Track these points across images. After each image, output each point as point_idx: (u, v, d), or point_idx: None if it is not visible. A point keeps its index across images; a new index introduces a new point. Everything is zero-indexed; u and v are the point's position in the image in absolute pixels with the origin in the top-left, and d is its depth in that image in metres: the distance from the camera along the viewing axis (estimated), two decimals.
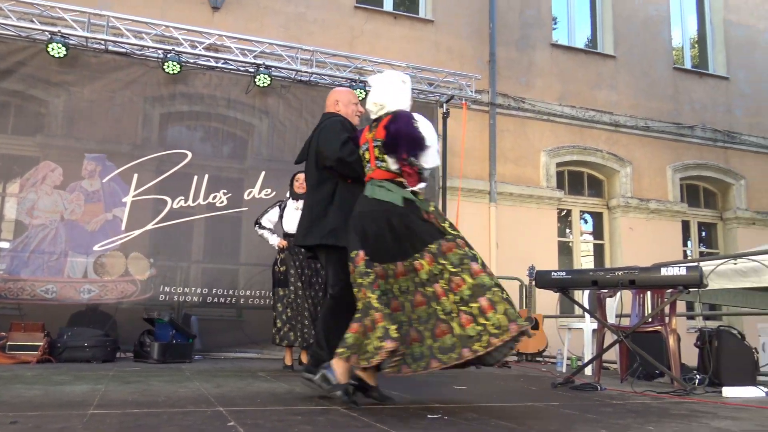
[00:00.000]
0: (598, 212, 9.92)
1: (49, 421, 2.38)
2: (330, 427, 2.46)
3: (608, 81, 9.95)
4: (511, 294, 3.17)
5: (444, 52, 8.91)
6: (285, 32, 7.94)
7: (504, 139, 9.03)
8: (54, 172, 6.05)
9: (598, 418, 2.93)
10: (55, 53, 5.90)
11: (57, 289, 5.80)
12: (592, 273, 4.58)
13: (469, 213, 8.11)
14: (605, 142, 9.70)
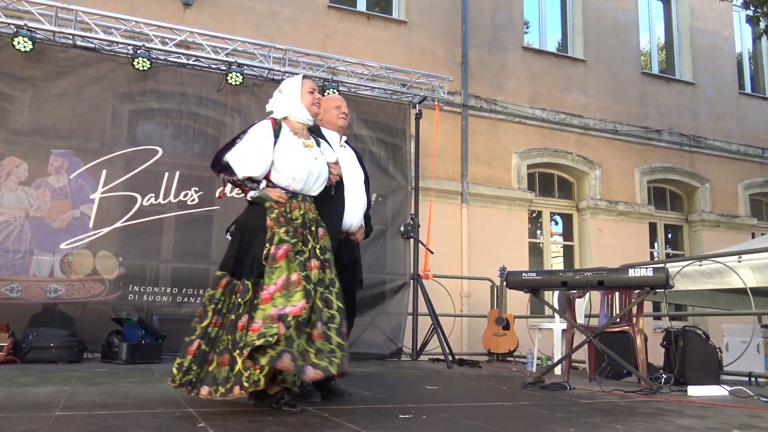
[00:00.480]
0: (568, 214, 10.06)
1: (13, 424, 2.32)
2: (302, 427, 2.45)
3: (578, 84, 10.09)
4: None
5: (417, 53, 8.94)
6: (257, 30, 7.88)
7: (476, 141, 9.09)
8: (19, 168, 5.91)
9: (567, 417, 2.97)
10: (21, 47, 5.76)
11: (22, 288, 5.66)
12: (561, 274, 4.63)
13: (441, 214, 8.15)
14: (575, 145, 9.84)
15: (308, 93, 3.19)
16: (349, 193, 3.49)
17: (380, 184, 7.65)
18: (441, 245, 7.68)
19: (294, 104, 3.16)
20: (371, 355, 6.58)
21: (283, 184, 3.01)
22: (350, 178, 3.54)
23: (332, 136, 3.62)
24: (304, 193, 3.06)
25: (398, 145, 7.59)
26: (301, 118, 3.18)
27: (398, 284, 7.07)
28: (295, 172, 3.00)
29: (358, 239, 3.59)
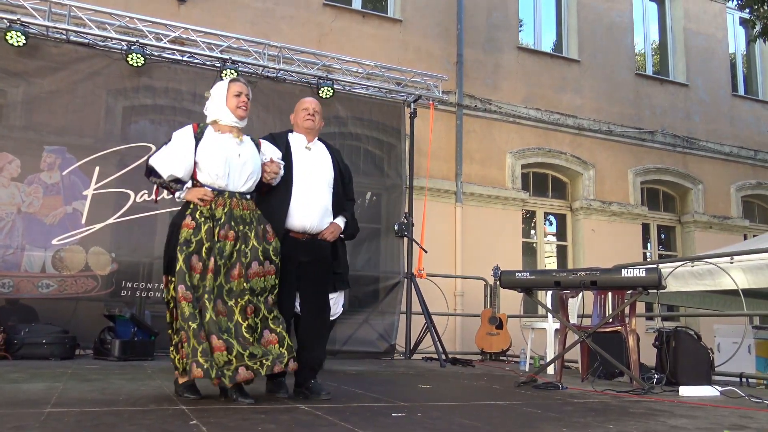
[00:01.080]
0: (561, 214, 10.08)
1: (3, 421, 2.31)
2: (294, 425, 2.45)
3: (573, 85, 10.11)
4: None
5: (412, 52, 8.94)
6: (252, 28, 7.86)
7: (470, 140, 9.10)
8: (11, 164, 5.87)
9: (560, 417, 2.97)
10: (14, 42, 5.71)
11: (14, 283, 5.62)
12: (555, 274, 4.65)
13: (435, 213, 8.15)
14: (569, 145, 9.86)
15: (234, 96, 3.28)
16: (305, 195, 3.53)
17: (375, 183, 7.65)
18: (435, 244, 7.69)
19: (220, 108, 3.28)
20: (364, 353, 6.59)
21: (209, 182, 3.14)
22: (310, 179, 3.60)
23: (298, 139, 3.72)
24: (230, 189, 3.15)
25: (393, 143, 7.59)
26: (227, 121, 3.28)
27: (392, 283, 7.07)
28: (216, 168, 3.12)
29: (327, 239, 3.61)
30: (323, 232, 3.60)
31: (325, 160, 3.77)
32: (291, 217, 3.49)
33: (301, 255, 3.51)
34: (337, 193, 3.72)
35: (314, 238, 3.58)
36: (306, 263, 3.52)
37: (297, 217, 3.50)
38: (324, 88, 6.83)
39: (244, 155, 3.22)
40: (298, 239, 3.52)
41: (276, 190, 3.47)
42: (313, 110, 3.74)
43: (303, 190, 3.54)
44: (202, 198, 3.09)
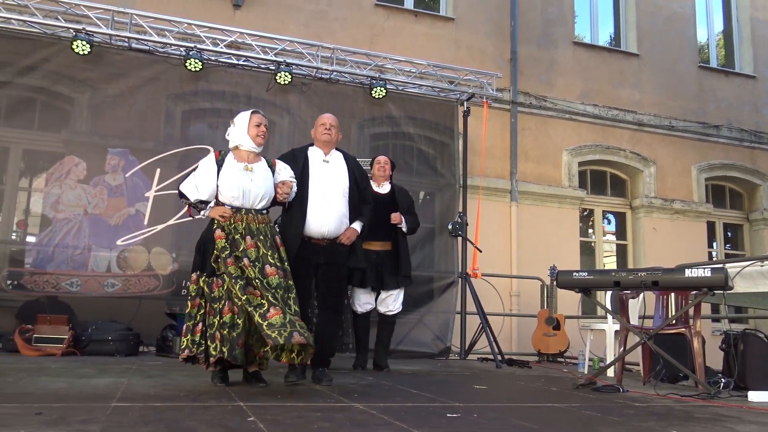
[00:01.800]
0: (621, 212, 9.81)
1: (72, 413, 2.40)
2: (349, 423, 2.46)
3: (631, 79, 9.83)
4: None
5: (465, 50, 8.87)
6: (306, 30, 7.95)
7: (525, 138, 8.96)
8: (78, 167, 6.12)
9: (620, 421, 2.89)
10: (80, 50, 5.96)
11: (81, 282, 5.86)
12: (614, 274, 4.51)
13: (489, 212, 8.06)
14: (628, 142, 9.58)
15: (254, 126, 3.80)
16: (322, 203, 3.97)
17: (428, 182, 7.63)
18: (490, 244, 7.60)
19: (242, 136, 3.80)
20: (419, 354, 6.57)
21: (228, 202, 3.68)
22: (327, 189, 4.03)
23: (316, 152, 4.18)
24: (246, 207, 3.68)
25: (446, 142, 7.54)
26: (247, 147, 3.80)
27: (446, 282, 7.03)
28: (232, 192, 3.66)
29: (343, 242, 4.06)
30: (340, 236, 4.03)
31: (341, 170, 4.16)
32: (310, 224, 3.94)
33: (321, 258, 3.98)
34: (352, 200, 4.13)
35: (333, 242, 4.03)
36: (324, 266, 4.01)
37: (315, 225, 3.95)
38: (377, 89, 6.85)
39: (256, 180, 3.74)
40: (319, 244, 3.98)
41: (296, 202, 3.94)
42: (330, 125, 4.17)
43: (320, 199, 3.98)
44: (222, 215, 3.63)
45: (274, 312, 3.28)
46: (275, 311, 3.28)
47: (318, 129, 4.22)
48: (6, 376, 3.54)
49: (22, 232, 6.34)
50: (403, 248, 5.20)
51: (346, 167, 4.19)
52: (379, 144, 7.39)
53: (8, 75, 6.05)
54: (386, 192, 5.36)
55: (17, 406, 2.52)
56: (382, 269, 5.10)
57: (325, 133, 4.16)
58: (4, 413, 2.34)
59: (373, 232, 5.08)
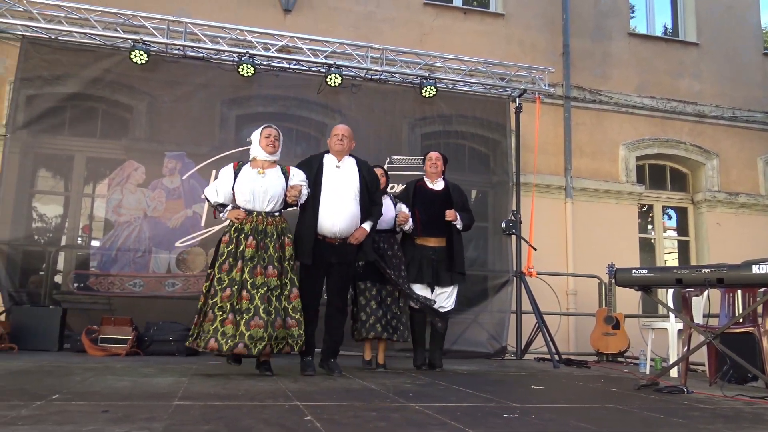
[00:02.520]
0: (682, 207, 9.49)
1: (137, 411, 2.48)
2: (404, 423, 2.45)
3: (691, 69, 9.49)
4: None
5: (516, 46, 8.74)
6: (355, 32, 7.99)
7: (580, 133, 8.77)
8: (137, 171, 6.32)
9: (685, 423, 2.79)
10: (138, 60, 6.15)
11: (143, 283, 6.06)
12: (676, 271, 4.35)
13: (544, 209, 7.92)
14: (689, 134, 9.26)
15: (264, 138, 4.33)
16: (334, 205, 4.34)
17: (480, 181, 7.56)
18: (545, 241, 7.47)
19: (256, 148, 4.36)
20: (474, 353, 6.51)
21: (242, 205, 4.20)
22: (339, 192, 4.39)
23: (330, 159, 4.57)
24: (257, 210, 4.17)
25: (498, 140, 7.46)
26: (261, 156, 4.33)
27: (501, 282, 6.95)
28: (244, 195, 4.18)
29: (353, 242, 4.38)
30: (350, 237, 4.37)
31: (353, 174, 4.52)
32: (322, 224, 4.31)
33: (332, 257, 4.33)
34: (362, 202, 4.46)
35: (344, 242, 4.37)
36: (335, 264, 4.36)
37: (328, 224, 4.31)
38: (427, 88, 6.83)
39: (266, 185, 4.19)
40: (332, 243, 4.33)
41: (309, 204, 4.34)
42: (342, 135, 4.57)
43: (332, 201, 4.34)
44: (236, 217, 4.15)
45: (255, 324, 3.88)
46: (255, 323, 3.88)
47: (332, 139, 4.63)
48: (74, 375, 3.69)
49: (87, 237, 6.59)
50: (457, 245, 5.20)
51: (358, 172, 4.55)
52: (431, 143, 7.36)
53: (72, 86, 6.31)
54: (440, 189, 5.34)
55: (85, 404, 2.61)
56: (438, 265, 5.10)
57: (337, 143, 4.56)
58: (73, 411, 2.44)
59: (428, 229, 5.11)
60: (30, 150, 6.30)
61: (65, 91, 6.31)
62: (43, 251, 6.29)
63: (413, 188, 5.36)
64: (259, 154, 4.33)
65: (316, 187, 4.39)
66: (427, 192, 5.32)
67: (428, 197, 5.29)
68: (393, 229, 5.09)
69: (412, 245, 5.18)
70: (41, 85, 6.26)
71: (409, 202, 5.26)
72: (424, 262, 5.10)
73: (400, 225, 5.08)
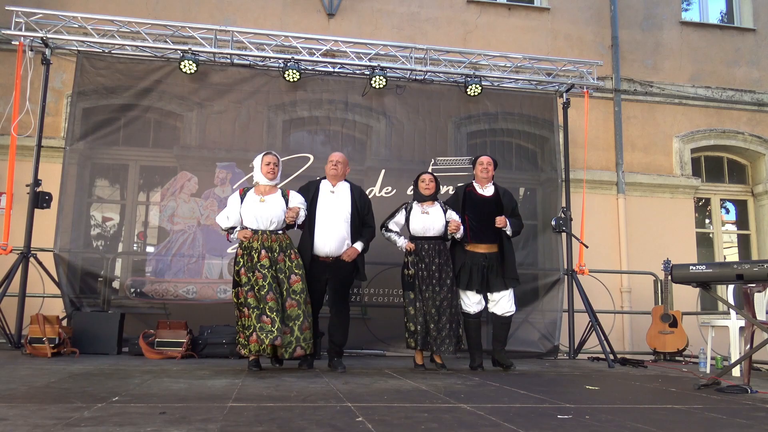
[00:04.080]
0: (741, 200, 9.14)
1: (193, 413, 2.54)
2: (456, 424, 2.44)
3: (748, 57, 9.13)
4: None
5: (562, 40, 8.59)
6: (399, 33, 8.00)
7: (631, 127, 8.55)
8: (190, 182, 6.48)
9: (750, 424, 2.68)
10: (187, 70, 6.31)
11: (196, 289, 6.21)
12: (737, 266, 4.20)
13: (595, 206, 7.76)
14: (747, 124, 8.92)
15: (265, 165, 4.75)
16: (327, 228, 4.75)
17: (528, 178, 7.46)
18: (596, 238, 7.31)
19: (257, 174, 4.80)
20: (526, 353, 6.42)
21: (249, 226, 4.64)
22: (331, 216, 4.78)
23: (326, 185, 4.94)
24: (262, 229, 4.62)
25: (545, 136, 7.34)
26: (263, 182, 4.76)
27: (552, 280, 6.83)
28: (249, 218, 4.65)
29: (345, 260, 4.76)
30: (342, 255, 4.73)
31: (345, 199, 4.87)
32: (317, 245, 4.73)
33: (327, 274, 4.76)
34: (353, 224, 4.83)
35: (337, 260, 4.75)
36: (331, 278, 4.79)
37: (321, 245, 4.73)
38: (472, 86, 6.77)
39: (267, 209, 4.64)
40: (326, 261, 4.74)
41: (307, 226, 4.76)
42: (336, 162, 4.94)
43: (325, 224, 4.75)
44: (245, 236, 4.59)
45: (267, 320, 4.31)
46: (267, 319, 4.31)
47: (328, 165, 4.99)
48: (133, 377, 3.80)
49: (142, 243, 6.80)
50: (508, 251, 5.20)
51: (350, 197, 4.89)
52: (477, 142, 7.30)
53: (126, 98, 6.51)
54: (491, 194, 5.31)
55: (143, 406, 2.69)
56: (488, 272, 5.09)
57: (332, 168, 4.94)
58: (132, 412, 2.51)
59: (478, 236, 5.09)
60: (87, 161, 6.54)
61: (119, 102, 6.52)
62: (102, 258, 6.51)
63: (463, 194, 5.32)
64: (261, 179, 4.76)
65: (312, 211, 4.80)
66: (478, 198, 5.29)
67: (478, 203, 5.25)
68: (443, 236, 5.07)
69: (463, 252, 5.15)
70: (96, 98, 6.49)
71: (459, 208, 5.23)
72: (475, 269, 5.09)
73: (452, 233, 5.04)
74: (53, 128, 7.08)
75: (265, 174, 4.75)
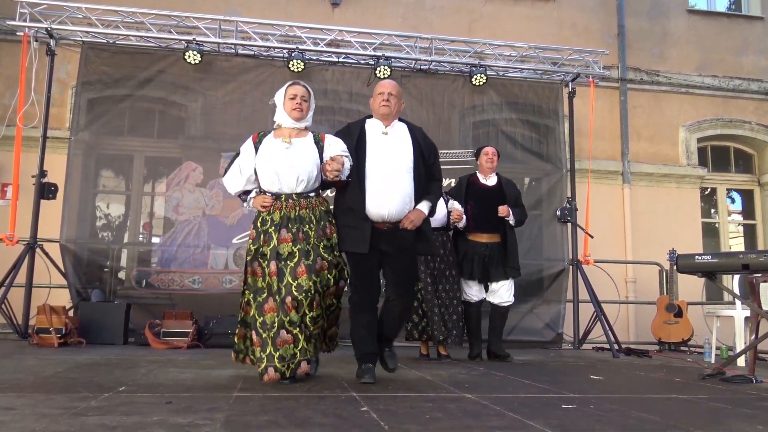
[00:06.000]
0: (747, 189, 9.10)
1: (199, 402, 2.55)
2: (461, 414, 2.44)
3: (756, 45, 9.06)
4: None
5: (568, 29, 8.54)
6: (403, 22, 7.96)
7: (637, 116, 8.51)
8: (195, 171, 6.49)
9: (754, 413, 2.68)
10: (192, 60, 6.30)
11: (202, 279, 6.23)
12: (742, 256, 4.18)
13: (600, 196, 7.73)
14: (754, 113, 8.86)
15: (289, 100, 3.44)
16: (382, 182, 3.43)
17: (534, 168, 7.43)
18: (602, 229, 7.29)
19: (280, 113, 3.49)
20: (531, 343, 6.44)
21: (267, 188, 3.39)
22: (387, 165, 3.48)
23: (375, 124, 3.67)
24: (286, 192, 3.33)
25: (551, 126, 7.31)
26: (287, 123, 3.46)
27: (556, 270, 6.83)
28: (265, 176, 3.36)
29: (406, 227, 3.45)
30: (403, 221, 3.45)
31: (404, 142, 3.59)
32: (369, 207, 3.39)
33: (383, 245, 3.43)
34: (418, 177, 3.53)
35: (396, 227, 3.45)
36: (388, 253, 3.46)
37: (374, 206, 3.40)
38: (477, 76, 6.74)
39: (292, 158, 3.36)
40: (380, 229, 3.42)
41: (352, 181, 3.43)
42: (388, 94, 3.63)
43: (379, 177, 3.44)
44: (263, 204, 3.36)
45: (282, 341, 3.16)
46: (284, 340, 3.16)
47: (376, 99, 3.68)
48: (139, 367, 3.82)
49: (147, 234, 6.82)
50: (510, 240, 5.17)
51: (411, 139, 3.62)
52: (481, 132, 7.28)
53: (130, 88, 6.51)
54: (493, 184, 5.29)
55: (150, 396, 2.71)
56: (490, 261, 5.08)
57: (383, 104, 3.62)
58: (139, 402, 2.53)
59: (480, 225, 5.07)
60: (92, 151, 6.55)
61: (124, 93, 6.52)
62: (107, 248, 6.54)
63: (466, 183, 5.31)
64: (284, 120, 3.46)
65: (359, 161, 3.48)
66: (480, 187, 5.28)
67: (481, 193, 5.24)
68: (446, 226, 5.07)
69: (465, 241, 5.15)
70: (101, 88, 6.49)
71: (462, 197, 5.22)
72: (476, 259, 5.09)
73: (455, 222, 5.04)
74: (58, 119, 7.09)
75: (290, 111, 3.43)
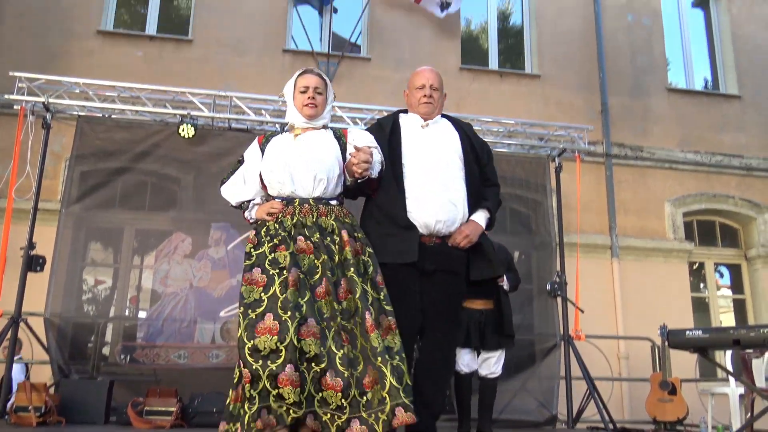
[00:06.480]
0: (735, 264, 9.16)
1: None
2: None
3: (735, 123, 9.34)
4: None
5: (553, 106, 8.79)
6: (394, 98, 8.14)
7: (623, 191, 8.65)
8: (184, 242, 6.46)
9: None
10: (185, 134, 6.38)
11: (188, 354, 6.10)
12: (733, 331, 4.16)
13: (589, 270, 7.75)
14: (736, 188, 9.04)
15: (300, 93, 2.80)
16: (425, 185, 2.74)
17: (523, 242, 7.47)
18: (592, 303, 7.27)
19: (290, 110, 2.87)
20: (523, 422, 6.27)
21: (276, 194, 2.73)
22: (430, 166, 2.81)
23: (411, 118, 3.02)
24: (301, 196, 2.66)
25: (539, 200, 7.40)
26: (299, 123, 2.83)
27: (548, 346, 6.75)
28: (277, 175, 2.69)
29: (460, 244, 2.74)
30: (455, 235, 2.76)
31: (450, 136, 2.94)
32: (412, 215, 2.71)
33: (427, 264, 2.70)
34: (471, 178, 2.84)
35: (444, 243, 2.75)
36: (431, 275, 2.71)
37: (417, 212, 2.71)
38: None
39: (307, 153, 2.69)
40: (425, 243, 2.71)
41: (385, 187, 2.73)
42: (430, 88, 2.96)
43: (421, 179, 2.76)
44: (269, 212, 2.68)
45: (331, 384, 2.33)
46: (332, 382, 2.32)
47: (414, 95, 3.00)
48: None
49: (134, 308, 6.72)
50: (505, 307, 4.92)
51: (458, 134, 2.95)
52: None
53: (124, 161, 6.56)
54: None
55: None
56: (485, 328, 4.92)
57: (424, 102, 2.95)
58: None
59: (474, 291, 4.98)
60: (83, 224, 6.52)
61: (117, 166, 6.56)
62: (93, 323, 6.42)
63: None
64: (296, 119, 2.83)
65: (394, 157, 2.77)
66: None
67: None
68: None
69: None
70: (95, 161, 6.54)
71: None
72: (471, 326, 4.96)
73: None
74: (50, 191, 7.10)
75: (300, 108, 2.78)
